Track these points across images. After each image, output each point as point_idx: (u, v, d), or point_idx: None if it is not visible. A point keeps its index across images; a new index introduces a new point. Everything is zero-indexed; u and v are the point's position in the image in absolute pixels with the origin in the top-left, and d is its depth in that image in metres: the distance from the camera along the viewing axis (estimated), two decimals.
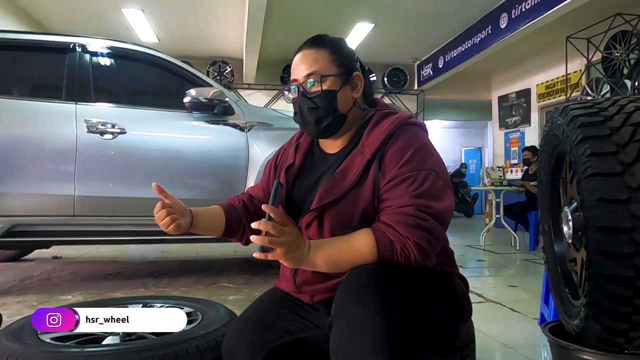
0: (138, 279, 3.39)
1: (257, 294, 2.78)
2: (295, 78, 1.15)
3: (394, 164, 1.04)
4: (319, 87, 1.12)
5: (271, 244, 0.90)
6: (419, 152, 1.05)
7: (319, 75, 1.12)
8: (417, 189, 0.99)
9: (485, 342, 2.07)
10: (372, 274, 0.95)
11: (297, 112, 1.16)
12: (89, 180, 2.86)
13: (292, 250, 0.94)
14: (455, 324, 1.12)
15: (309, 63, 1.13)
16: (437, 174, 1.03)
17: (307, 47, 1.16)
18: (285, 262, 0.95)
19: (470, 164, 13.77)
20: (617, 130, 1.06)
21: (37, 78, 3.19)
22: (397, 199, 1.00)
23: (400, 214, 0.98)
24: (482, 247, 5.53)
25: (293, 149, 1.26)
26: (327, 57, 1.13)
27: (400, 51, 8.39)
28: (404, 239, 0.96)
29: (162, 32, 7.31)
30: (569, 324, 1.23)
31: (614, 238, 1.01)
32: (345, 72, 1.15)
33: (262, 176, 1.37)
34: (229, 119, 3.12)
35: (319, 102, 1.12)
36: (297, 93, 1.15)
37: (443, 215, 1.01)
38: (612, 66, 5.65)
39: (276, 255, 0.92)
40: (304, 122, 1.16)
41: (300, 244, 0.96)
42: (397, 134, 1.08)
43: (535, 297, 2.60)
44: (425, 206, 0.98)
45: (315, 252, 0.98)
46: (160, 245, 4.94)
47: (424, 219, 0.97)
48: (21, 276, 3.53)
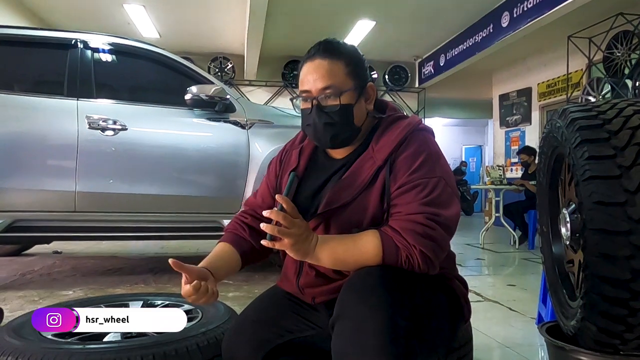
0: (138, 275, 3.41)
1: (257, 291, 2.80)
2: (308, 89, 1.10)
3: (404, 170, 1.04)
4: (336, 101, 1.08)
5: (280, 234, 0.91)
6: (429, 159, 1.05)
7: (337, 90, 1.08)
8: (427, 197, 1.00)
9: (483, 341, 2.08)
10: (376, 275, 0.96)
11: (311, 125, 1.11)
12: (90, 176, 2.86)
13: (300, 242, 0.95)
14: (454, 326, 1.13)
15: (325, 76, 1.08)
16: (446, 182, 1.04)
17: (320, 56, 1.10)
18: (292, 253, 0.96)
19: (470, 162, 13.78)
20: (616, 133, 1.07)
21: (39, 74, 3.19)
22: (406, 206, 1.01)
23: (409, 222, 0.99)
24: (481, 246, 5.54)
25: (297, 152, 1.24)
26: (342, 70, 1.09)
27: (401, 49, 8.38)
28: (410, 247, 0.97)
29: (163, 27, 7.30)
30: (566, 325, 1.25)
31: (611, 240, 1.02)
32: (360, 84, 1.12)
33: (265, 176, 1.32)
34: (229, 117, 3.13)
35: (336, 117, 1.09)
36: (309, 104, 1.10)
37: (450, 224, 1.02)
38: (613, 66, 5.64)
39: (283, 245, 0.93)
40: (317, 136, 1.12)
41: (308, 237, 0.97)
42: (408, 141, 1.08)
43: (534, 297, 2.62)
44: (434, 214, 0.99)
45: (321, 247, 0.98)
46: (160, 241, 4.96)
47: (432, 227, 0.98)
48: (22, 271, 3.55)
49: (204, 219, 3.08)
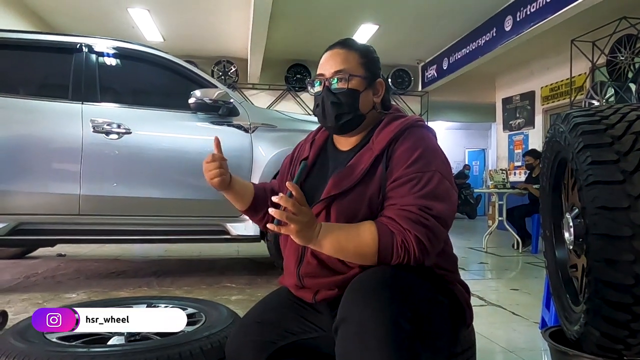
0: (141, 278, 3.41)
1: (260, 294, 2.81)
2: (322, 73, 1.20)
3: (401, 163, 1.07)
4: (344, 84, 1.17)
5: (288, 219, 0.94)
6: (425, 153, 1.08)
7: (347, 74, 1.17)
8: (421, 190, 1.03)
9: (485, 345, 2.08)
10: (379, 278, 0.97)
11: (319, 104, 1.20)
12: (94, 179, 2.88)
13: (305, 229, 0.98)
14: (456, 330, 1.13)
15: (339, 61, 1.18)
16: (443, 175, 1.06)
17: (338, 47, 1.21)
18: (296, 238, 0.98)
19: (473, 165, 13.75)
20: (619, 138, 1.07)
21: (44, 78, 3.21)
22: (401, 198, 1.03)
23: (403, 211, 1.01)
24: (484, 250, 5.53)
25: (309, 143, 1.33)
26: (356, 59, 1.19)
27: (404, 53, 8.39)
28: (405, 231, 0.99)
29: (167, 31, 7.33)
30: (569, 330, 1.24)
31: (614, 245, 1.02)
32: (370, 76, 1.21)
33: (280, 170, 1.43)
34: (233, 120, 3.14)
35: (343, 98, 1.17)
36: (321, 87, 1.19)
37: (445, 217, 1.03)
38: (616, 70, 5.63)
39: (289, 230, 0.96)
40: (324, 115, 1.19)
41: (313, 224, 1.00)
42: (406, 135, 1.12)
43: (537, 301, 2.61)
44: (427, 207, 1.01)
45: (324, 234, 1.01)
46: (164, 244, 4.97)
47: (425, 217, 1.00)
48: (26, 273, 3.56)
49: (208, 222, 3.09)
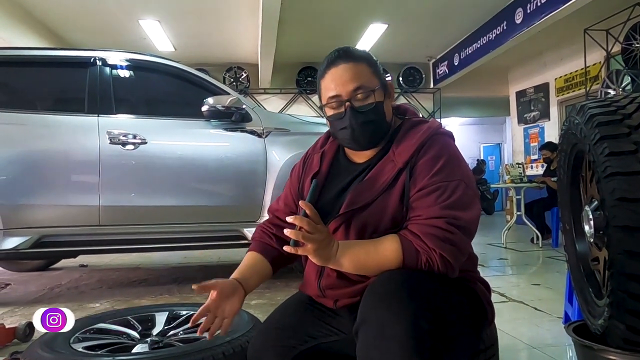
0: (162, 285, 3.46)
1: (279, 298, 2.82)
2: (337, 94, 1.11)
3: (424, 173, 1.05)
4: (370, 100, 1.11)
5: (304, 239, 0.93)
6: (449, 162, 1.06)
7: (367, 89, 1.11)
8: (447, 200, 1.01)
9: (508, 342, 2.06)
10: (398, 280, 0.96)
11: (347, 127, 1.12)
12: (112, 190, 2.92)
13: (322, 248, 0.97)
14: (478, 329, 1.13)
15: (352, 77, 1.10)
16: (467, 184, 1.05)
17: (343, 60, 1.12)
18: (314, 258, 0.98)
19: (489, 160, 13.61)
20: (636, 128, 1.05)
21: (61, 92, 3.28)
22: (426, 209, 1.02)
23: (429, 226, 0.99)
24: (503, 245, 5.47)
25: (318, 156, 1.25)
26: (367, 70, 1.13)
27: (414, 50, 8.35)
28: (430, 251, 0.98)
29: (178, 41, 7.42)
30: (593, 324, 1.23)
31: (636, 237, 1.00)
32: (383, 83, 1.16)
33: (288, 182, 1.34)
34: (246, 126, 3.16)
35: (372, 115, 1.11)
36: (342, 108, 1.12)
37: (470, 227, 1.03)
38: (632, 57, 5.53)
39: (306, 250, 0.95)
40: (354, 137, 1.13)
41: (330, 242, 0.99)
42: (429, 144, 1.09)
43: (559, 295, 2.57)
44: (454, 218, 1.00)
45: (343, 252, 1.00)
46: (183, 251, 5.01)
47: (452, 232, 0.99)
48: (50, 285, 3.63)
49: (225, 228, 3.11)
